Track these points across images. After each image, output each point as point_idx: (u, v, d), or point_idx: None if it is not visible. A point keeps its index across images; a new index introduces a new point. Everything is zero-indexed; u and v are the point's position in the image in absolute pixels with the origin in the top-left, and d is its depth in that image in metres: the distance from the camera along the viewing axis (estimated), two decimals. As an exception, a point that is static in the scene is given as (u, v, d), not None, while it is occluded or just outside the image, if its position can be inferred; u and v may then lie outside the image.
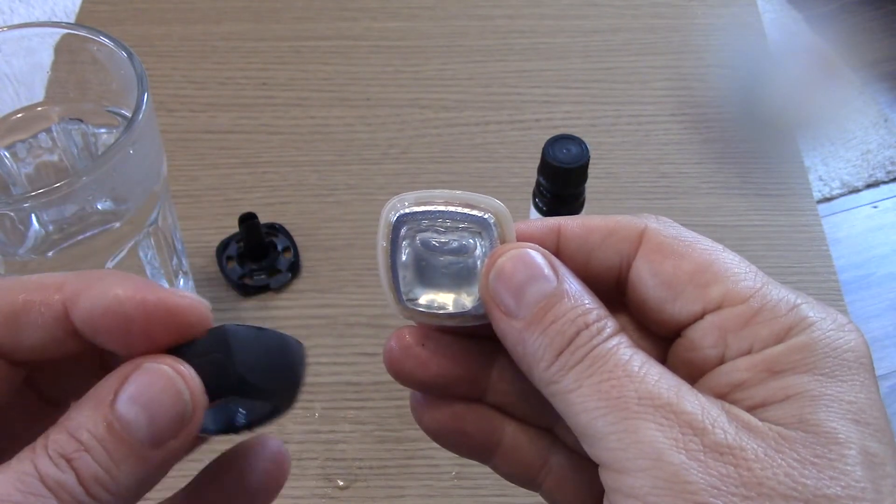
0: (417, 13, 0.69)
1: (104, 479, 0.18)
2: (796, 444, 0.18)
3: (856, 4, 1.71)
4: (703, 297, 0.21)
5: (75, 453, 0.18)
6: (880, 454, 0.19)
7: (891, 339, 1.25)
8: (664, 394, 0.19)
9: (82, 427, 0.18)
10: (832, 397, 0.19)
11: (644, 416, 0.19)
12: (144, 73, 0.38)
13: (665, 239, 0.22)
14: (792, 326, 0.20)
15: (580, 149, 0.47)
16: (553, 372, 0.21)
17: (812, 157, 1.45)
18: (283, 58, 0.66)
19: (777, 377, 0.20)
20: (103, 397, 0.19)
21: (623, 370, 0.20)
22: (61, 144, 0.42)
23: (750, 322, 0.20)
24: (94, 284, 0.20)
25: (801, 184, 0.59)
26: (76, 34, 0.40)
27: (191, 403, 0.20)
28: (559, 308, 0.21)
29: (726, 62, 0.66)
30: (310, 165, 0.59)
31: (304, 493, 0.45)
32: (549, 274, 0.21)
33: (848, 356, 0.20)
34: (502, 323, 0.22)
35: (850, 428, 0.19)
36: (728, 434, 0.19)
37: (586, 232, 0.23)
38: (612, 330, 0.21)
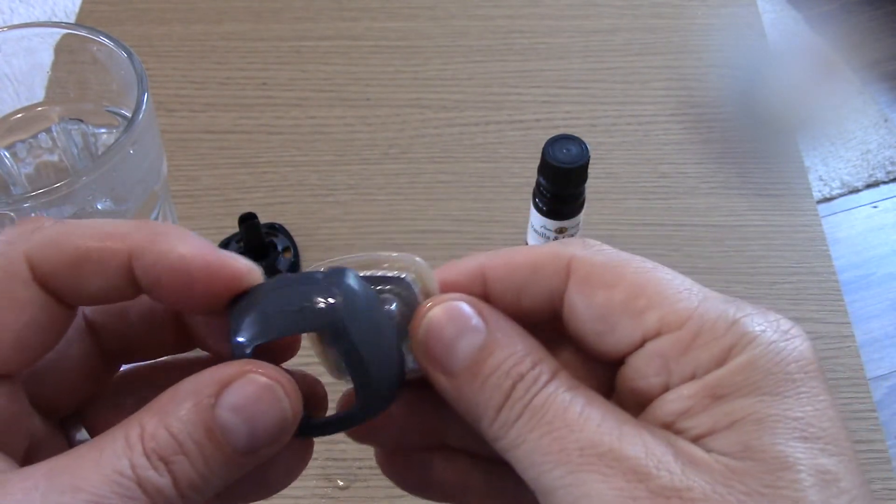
0: (417, 13, 0.69)
1: (198, 485, 0.19)
2: (745, 476, 0.18)
3: (856, 4, 1.71)
4: (639, 325, 0.21)
5: (174, 456, 0.18)
6: (832, 470, 0.18)
7: (891, 339, 1.25)
8: (605, 440, 0.19)
9: (182, 429, 0.18)
10: (777, 417, 0.19)
11: (588, 467, 0.18)
12: (144, 73, 0.38)
13: (593, 268, 0.21)
14: (733, 345, 0.20)
15: (580, 149, 0.47)
16: (496, 429, 0.20)
17: (812, 157, 1.45)
18: (283, 58, 0.66)
19: (720, 402, 0.19)
20: (204, 400, 0.19)
21: (563, 420, 0.19)
22: (61, 144, 0.42)
23: (690, 347, 0.20)
24: (159, 240, 0.20)
25: (801, 184, 0.59)
26: (76, 34, 0.40)
27: (291, 415, 0.20)
28: (493, 360, 0.20)
29: (726, 62, 0.66)
30: (310, 165, 0.59)
31: (304, 493, 0.45)
32: (478, 324, 0.21)
33: (792, 368, 0.19)
34: (439, 381, 0.21)
35: (799, 448, 0.18)
36: (674, 475, 0.18)
37: (511, 271, 0.22)
38: (549, 375, 0.20)
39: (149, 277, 0.20)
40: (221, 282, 0.20)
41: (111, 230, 0.20)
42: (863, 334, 1.25)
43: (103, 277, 0.20)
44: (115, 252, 0.20)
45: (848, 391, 0.49)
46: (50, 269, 0.20)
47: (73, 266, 0.20)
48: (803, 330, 0.21)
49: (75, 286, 0.20)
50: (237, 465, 0.19)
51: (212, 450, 0.19)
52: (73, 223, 0.20)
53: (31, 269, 0.20)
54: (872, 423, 0.48)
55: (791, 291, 0.53)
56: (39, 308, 0.20)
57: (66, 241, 0.20)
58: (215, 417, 0.19)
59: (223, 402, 0.19)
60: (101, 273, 0.20)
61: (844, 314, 0.52)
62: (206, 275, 0.20)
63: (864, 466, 0.46)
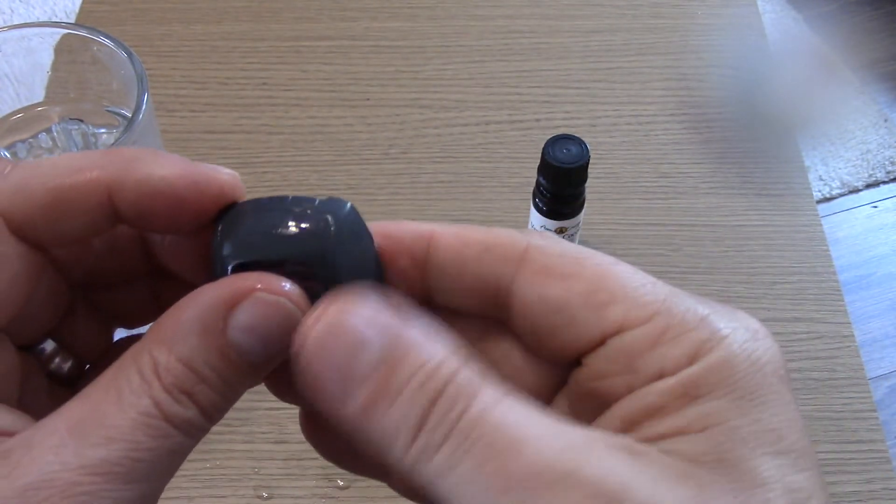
0: (417, 13, 0.69)
1: (222, 405, 0.18)
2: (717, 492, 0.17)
3: (856, 4, 1.71)
4: (600, 320, 0.19)
5: (196, 387, 0.18)
6: (804, 487, 0.17)
7: (891, 339, 1.25)
8: (559, 462, 0.16)
9: (197, 358, 0.18)
10: (751, 427, 0.17)
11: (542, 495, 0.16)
12: (144, 73, 0.38)
13: (550, 258, 0.19)
14: (704, 341, 0.18)
15: (580, 149, 0.47)
16: (413, 458, 0.17)
17: (812, 157, 1.45)
18: (283, 58, 0.66)
19: (695, 403, 0.18)
20: (213, 325, 0.18)
21: (502, 440, 0.16)
22: (61, 144, 0.42)
23: (658, 342, 0.18)
24: (136, 167, 0.19)
25: (801, 184, 0.59)
26: (76, 34, 0.40)
27: (300, 316, 0.18)
28: (403, 371, 0.17)
29: (726, 62, 0.66)
30: (310, 165, 0.59)
31: (304, 493, 0.45)
32: (375, 336, 0.17)
33: (766, 370, 0.18)
34: (334, 415, 0.18)
35: (771, 463, 0.17)
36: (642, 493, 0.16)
37: (461, 244, 0.20)
38: (478, 382, 0.17)
39: (132, 208, 0.19)
40: (209, 198, 0.20)
41: (81, 164, 0.19)
42: (863, 334, 1.25)
43: (82, 216, 0.19)
44: (92, 188, 0.19)
45: (848, 391, 0.49)
46: (24, 217, 0.19)
47: (49, 210, 0.19)
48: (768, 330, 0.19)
49: (53, 229, 0.19)
50: (256, 376, 0.19)
51: (229, 371, 0.18)
52: (38, 163, 0.19)
53: (4, 222, 0.19)
54: (872, 423, 0.48)
55: (791, 291, 0.53)
56: (19, 260, 0.19)
57: (37, 184, 0.19)
58: (228, 339, 0.18)
59: (234, 325, 0.18)
60: (79, 212, 0.19)
61: (844, 314, 0.52)
62: (194, 193, 0.19)
63: (865, 466, 0.46)
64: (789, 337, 0.51)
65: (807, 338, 0.51)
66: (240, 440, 0.46)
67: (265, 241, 0.20)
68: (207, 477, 0.45)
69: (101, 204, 0.19)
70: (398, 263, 0.21)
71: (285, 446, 0.46)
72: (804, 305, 0.53)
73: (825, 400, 0.49)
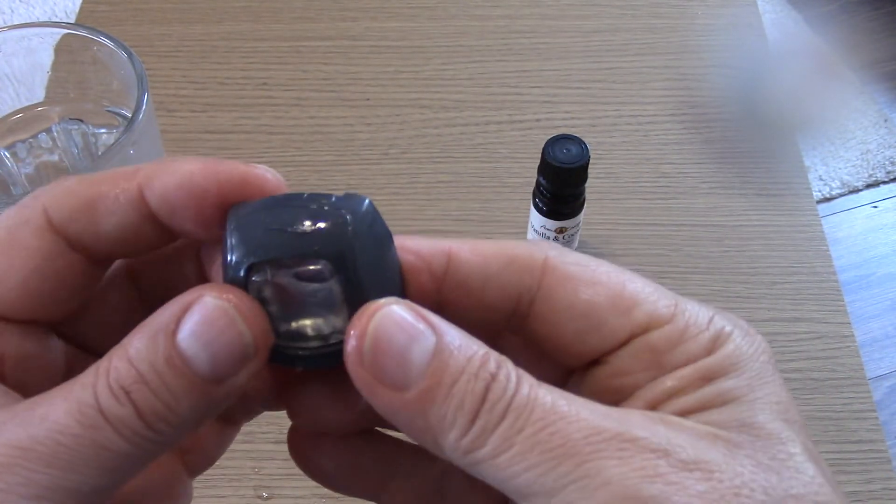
0: (417, 13, 0.69)
1: (163, 413, 0.18)
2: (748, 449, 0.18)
3: (856, 4, 1.71)
4: (628, 322, 0.20)
5: (133, 385, 0.18)
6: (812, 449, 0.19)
7: (891, 339, 1.25)
8: (608, 425, 0.18)
9: (142, 358, 0.18)
10: (764, 400, 0.19)
11: (600, 454, 0.17)
12: (144, 73, 0.38)
13: (570, 267, 0.21)
14: (716, 337, 0.20)
15: (580, 149, 0.47)
16: (472, 439, 0.18)
17: (812, 157, 1.45)
18: (283, 58, 0.66)
19: (712, 383, 0.20)
20: (164, 326, 0.18)
21: (554, 413, 0.18)
22: (61, 144, 0.42)
23: (680, 340, 0.20)
24: (165, 165, 0.20)
25: (801, 184, 0.59)
26: (76, 34, 0.40)
27: (253, 344, 0.19)
28: (455, 363, 0.18)
29: (726, 62, 0.66)
30: (310, 165, 0.59)
31: (304, 493, 0.45)
32: (426, 328, 0.18)
33: (763, 358, 0.20)
34: (390, 400, 0.18)
35: (785, 427, 0.19)
36: (686, 450, 0.18)
37: (482, 260, 0.21)
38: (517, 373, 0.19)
39: (161, 203, 0.20)
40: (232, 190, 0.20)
41: (122, 171, 0.20)
42: (863, 334, 1.25)
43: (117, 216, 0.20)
44: (126, 187, 0.20)
45: (848, 391, 0.49)
46: (65, 215, 0.20)
47: (87, 208, 0.20)
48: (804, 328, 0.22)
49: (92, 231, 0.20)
50: (205, 395, 0.19)
51: (173, 377, 0.18)
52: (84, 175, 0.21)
53: (47, 219, 0.20)
54: (872, 422, 0.48)
55: (791, 291, 0.53)
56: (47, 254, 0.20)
57: (80, 186, 0.20)
58: (175, 345, 0.18)
59: (183, 328, 0.18)
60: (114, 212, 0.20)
61: (844, 314, 0.52)
62: (214, 183, 0.20)
63: (865, 466, 0.46)
64: (789, 337, 0.51)
65: (807, 338, 0.51)
66: (240, 440, 0.46)
67: (279, 240, 0.19)
68: (207, 477, 0.45)
69: (134, 200, 0.20)
70: (419, 279, 0.21)
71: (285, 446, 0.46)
72: (804, 305, 0.53)
73: (825, 400, 0.49)
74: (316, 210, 0.19)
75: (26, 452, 0.17)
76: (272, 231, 0.19)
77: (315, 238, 0.19)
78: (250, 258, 0.19)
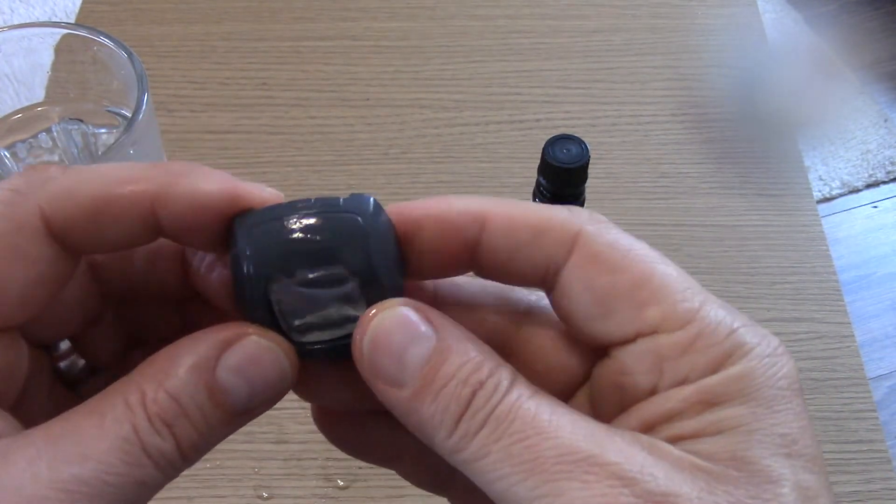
0: (417, 13, 0.69)
1: (199, 445, 0.19)
2: (730, 485, 0.18)
3: (856, 4, 1.71)
4: (638, 318, 0.20)
5: (177, 419, 0.18)
6: (813, 487, 0.18)
7: (891, 340, 1.25)
8: (583, 446, 0.18)
9: (184, 392, 0.18)
10: (766, 431, 0.18)
11: (566, 475, 0.17)
12: (144, 73, 0.38)
13: (601, 248, 0.20)
14: (730, 354, 0.19)
15: (580, 149, 0.47)
16: (455, 441, 0.19)
17: (812, 157, 1.45)
18: (283, 58, 0.66)
19: (713, 409, 0.19)
20: (204, 363, 0.19)
21: (532, 427, 0.18)
22: (61, 144, 0.42)
23: (688, 350, 0.19)
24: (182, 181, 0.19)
25: (801, 184, 0.59)
26: (76, 34, 0.40)
27: (290, 373, 0.20)
28: (447, 368, 0.19)
29: (726, 62, 0.66)
30: (310, 165, 0.59)
31: (304, 493, 0.45)
32: (428, 330, 0.19)
33: (782, 384, 0.19)
34: (388, 395, 0.20)
35: (784, 463, 0.18)
36: (658, 480, 0.17)
37: (513, 228, 0.21)
38: (509, 382, 0.19)
39: (174, 221, 0.19)
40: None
41: (128, 175, 0.19)
42: (863, 334, 1.25)
43: (123, 226, 0.19)
44: (137, 199, 0.19)
45: (848, 391, 0.49)
46: (65, 222, 0.19)
47: (92, 216, 0.19)
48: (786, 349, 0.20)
49: (92, 237, 0.19)
50: (235, 424, 0.19)
51: (212, 410, 0.19)
52: (87, 169, 0.19)
53: (44, 223, 0.19)
54: (872, 423, 0.48)
55: (791, 291, 0.53)
56: (48, 262, 0.19)
57: (83, 190, 0.19)
58: (216, 379, 0.19)
59: (224, 364, 0.19)
60: (122, 222, 0.19)
61: (844, 314, 0.52)
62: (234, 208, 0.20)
63: (865, 466, 0.46)
64: (789, 337, 0.51)
65: (807, 338, 0.51)
66: (240, 440, 0.46)
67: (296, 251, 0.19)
68: (207, 477, 0.45)
69: (144, 215, 0.19)
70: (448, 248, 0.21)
71: (285, 446, 0.46)
72: (804, 305, 0.53)
73: (825, 400, 0.49)
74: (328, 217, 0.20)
75: (75, 495, 0.17)
76: (287, 242, 0.19)
77: (332, 246, 0.19)
78: (270, 272, 0.19)
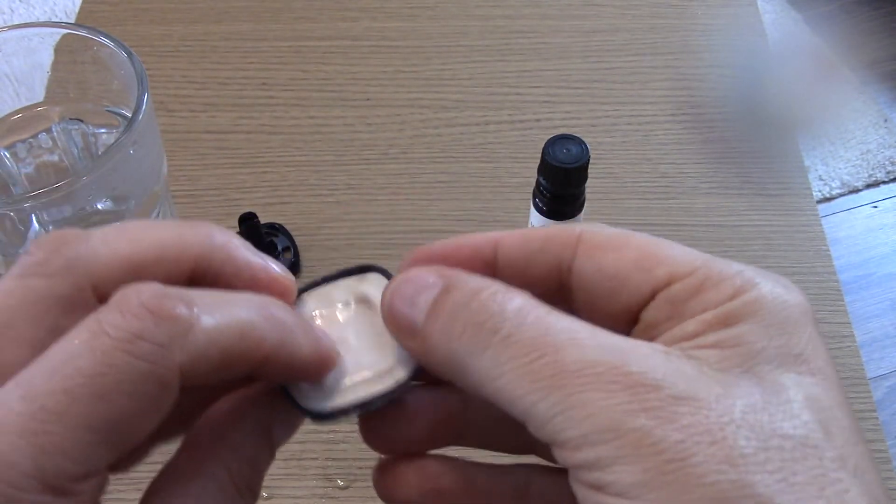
0: (417, 13, 0.69)
1: None
2: (745, 389, 0.19)
3: (855, 5, 1.71)
4: (650, 279, 0.21)
5: None
6: (825, 400, 0.19)
7: (891, 339, 1.25)
8: (604, 357, 0.18)
9: None
10: (778, 349, 0.20)
11: (587, 387, 0.18)
12: (144, 73, 0.38)
13: (602, 238, 0.22)
14: (740, 287, 0.20)
15: (580, 149, 0.47)
16: (475, 369, 0.20)
17: (812, 157, 1.45)
18: (283, 58, 0.66)
19: (728, 328, 0.20)
20: None
21: (550, 344, 0.19)
22: (61, 144, 0.42)
23: (700, 289, 0.21)
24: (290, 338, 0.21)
25: (801, 184, 0.59)
26: (76, 34, 0.40)
27: None
28: (453, 299, 0.20)
29: (726, 62, 0.66)
30: (310, 165, 0.59)
31: (304, 493, 0.45)
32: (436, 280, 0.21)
33: (793, 311, 0.20)
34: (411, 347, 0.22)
35: (793, 379, 0.19)
36: (678, 385, 0.18)
37: (524, 242, 0.23)
38: (521, 300, 0.20)
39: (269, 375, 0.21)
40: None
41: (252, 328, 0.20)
42: (863, 334, 1.25)
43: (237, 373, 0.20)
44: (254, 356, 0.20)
45: (848, 391, 0.49)
46: (196, 379, 0.19)
47: (219, 370, 0.19)
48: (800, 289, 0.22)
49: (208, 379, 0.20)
50: None
51: None
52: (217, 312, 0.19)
53: (181, 378, 0.19)
54: (872, 423, 0.48)
55: (791, 291, 0.53)
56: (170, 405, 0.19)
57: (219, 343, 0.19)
58: None
59: None
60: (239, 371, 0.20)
61: (844, 314, 0.52)
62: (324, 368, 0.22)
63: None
64: (789, 337, 0.51)
65: (807, 338, 0.51)
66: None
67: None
68: (207, 477, 0.45)
69: (255, 367, 0.21)
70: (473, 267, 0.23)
71: (285, 446, 0.46)
72: (804, 305, 0.53)
73: (825, 400, 0.49)
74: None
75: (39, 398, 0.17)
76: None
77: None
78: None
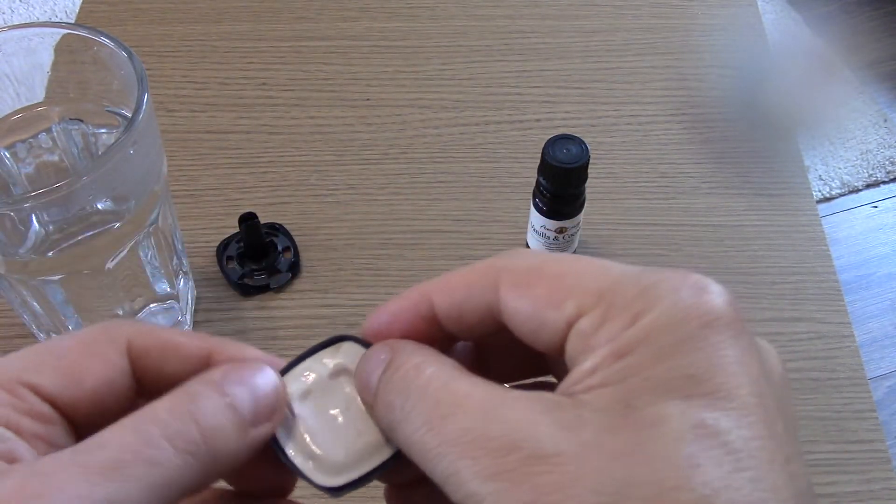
0: (417, 13, 0.69)
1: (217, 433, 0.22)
2: (618, 435, 0.18)
3: (856, 5, 1.71)
4: (562, 315, 0.21)
5: None
6: (713, 425, 0.18)
7: (891, 339, 1.25)
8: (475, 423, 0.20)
9: None
10: (664, 375, 0.19)
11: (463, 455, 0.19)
12: (144, 73, 0.38)
13: (517, 275, 0.23)
14: (639, 312, 0.20)
15: (580, 149, 0.47)
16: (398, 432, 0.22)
17: (812, 157, 1.45)
18: (283, 58, 0.66)
19: (619, 360, 0.20)
20: None
21: (438, 413, 0.20)
22: (61, 144, 0.42)
23: (604, 320, 0.20)
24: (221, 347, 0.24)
25: (801, 184, 0.59)
26: (76, 34, 0.40)
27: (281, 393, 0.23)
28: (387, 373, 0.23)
29: (726, 62, 0.66)
30: (310, 165, 0.59)
31: (304, 492, 0.45)
32: (386, 355, 0.23)
33: (694, 325, 0.19)
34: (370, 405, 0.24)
35: (677, 405, 0.18)
36: (542, 443, 0.19)
37: (451, 292, 0.24)
38: (432, 367, 0.22)
39: None
40: None
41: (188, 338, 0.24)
42: (863, 334, 1.25)
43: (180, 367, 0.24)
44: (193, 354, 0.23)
45: (848, 391, 0.49)
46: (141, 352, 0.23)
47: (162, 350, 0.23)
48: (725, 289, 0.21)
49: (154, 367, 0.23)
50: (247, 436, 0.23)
51: None
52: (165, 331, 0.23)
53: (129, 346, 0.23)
54: (872, 422, 0.48)
55: (791, 291, 0.53)
56: (120, 372, 0.22)
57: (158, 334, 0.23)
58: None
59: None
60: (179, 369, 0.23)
61: (844, 314, 0.52)
62: None
63: (864, 466, 0.46)
64: (789, 337, 0.51)
65: (807, 338, 0.51)
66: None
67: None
68: (207, 477, 0.45)
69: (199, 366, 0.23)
70: (418, 327, 0.24)
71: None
72: (804, 305, 0.53)
73: (825, 400, 0.49)
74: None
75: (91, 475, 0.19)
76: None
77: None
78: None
